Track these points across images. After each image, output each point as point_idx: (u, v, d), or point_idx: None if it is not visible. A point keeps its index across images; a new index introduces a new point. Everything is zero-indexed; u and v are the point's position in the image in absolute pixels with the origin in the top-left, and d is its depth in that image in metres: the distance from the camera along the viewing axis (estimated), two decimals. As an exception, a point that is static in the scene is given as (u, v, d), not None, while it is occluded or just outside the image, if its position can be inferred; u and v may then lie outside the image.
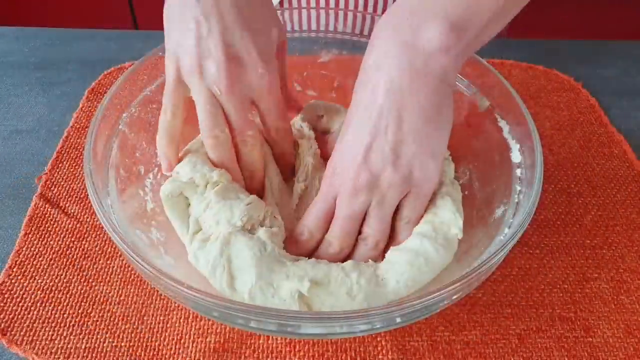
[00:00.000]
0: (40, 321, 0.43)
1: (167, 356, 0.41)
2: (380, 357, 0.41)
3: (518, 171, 0.45)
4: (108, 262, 0.47)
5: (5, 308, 0.44)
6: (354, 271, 0.39)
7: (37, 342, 0.41)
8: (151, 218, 0.45)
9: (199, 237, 0.42)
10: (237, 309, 0.34)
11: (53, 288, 0.45)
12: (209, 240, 0.41)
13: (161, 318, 0.43)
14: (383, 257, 0.43)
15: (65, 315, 0.43)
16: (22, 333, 0.42)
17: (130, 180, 0.45)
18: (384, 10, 0.66)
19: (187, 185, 0.44)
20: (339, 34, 0.56)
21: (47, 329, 0.42)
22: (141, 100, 0.48)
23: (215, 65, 0.41)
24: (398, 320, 0.36)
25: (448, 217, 0.42)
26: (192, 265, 0.41)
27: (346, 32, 0.56)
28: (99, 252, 0.48)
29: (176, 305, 0.44)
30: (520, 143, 0.46)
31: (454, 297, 0.37)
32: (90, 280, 0.46)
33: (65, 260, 0.47)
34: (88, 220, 0.50)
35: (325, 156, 0.50)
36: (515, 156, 0.46)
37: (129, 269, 0.46)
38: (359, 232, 0.42)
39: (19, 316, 0.43)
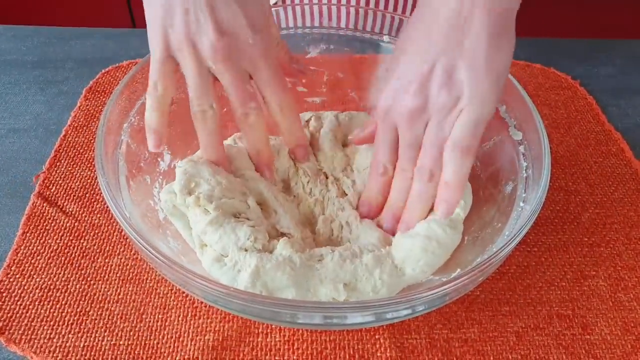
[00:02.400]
0: (39, 320, 0.43)
1: (165, 354, 0.41)
2: (378, 354, 0.41)
3: (521, 148, 0.46)
4: (106, 260, 0.47)
5: (4, 307, 0.43)
6: (376, 267, 0.41)
7: (36, 341, 0.41)
8: (165, 228, 0.45)
9: (210, 254, 0.42)
10: (286, 306, 0.36)
11: (51, 287, 0.45)
12: (224, 262, 0.41)
13: (160, 316, 0.43)
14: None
15: (63, 314, 0.43)
16: (20, 332, 0.42)
17: (140, 191, 0.45)
18: (366, 3, 0.66)
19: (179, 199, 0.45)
20: (325, 28, 0.56)
21: (45, 327, 0.42)
22: (139, 108, 0.48)
23: (208, 40, 0.40)
24: (437, 302, 0.38)
25: None
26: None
27: (332, 27, 0.57)
28: (97, 250, 0.48)
29: (174, 303, 0.44)
30: (519, 120, 0.47)
31: (489, 270, 0.38)
32: (89, 279, 0.46)
33: (63, 258, 0.47)
34: (86, 218, 0.50)
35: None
36: (516, 134, 0.47)
37: (127, 267, 0.46)
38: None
39: (17, 315, 0.43)
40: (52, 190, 0.52)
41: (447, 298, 0.37)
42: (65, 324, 0.43)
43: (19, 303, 0.44)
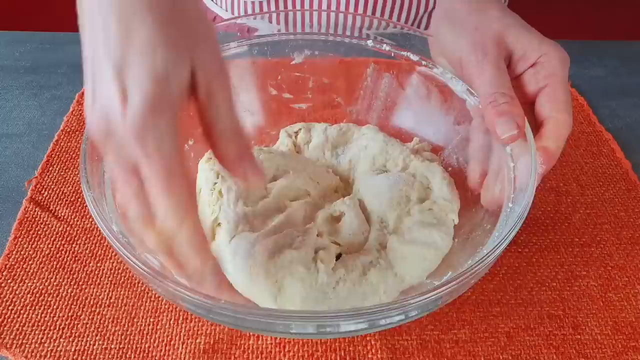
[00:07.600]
0: (30, 324, 0.43)
1: (157, 358, 0.41)
2: (369, 356, 0.41)
3: (507, 148, 0.45)
4: (98, 264, 0.47)
5: (-5, 312, 0.44)
6: (381, 283, 0.41)
7: (27, 345, 0.41)
8: None
9: (226, 230, 0.42)
10: (280, 317, 0.35)
11: (43, 291, 0.45)
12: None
13: (151, 320, 0.43)
14: None
15: (55, 318, 0.43)
16: (11, 336, 0.42)
17: None
18: (346, 7, 0.66)
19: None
20: (309, 34, 0.55)
21: (36, 332, 0.42)
22: None
23: None
24: (431, 306, 0.38)
25: (444, 204, 0.46)
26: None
27: (315, 32, 0.55)
28: (89, 254, 0.48)
29: (166, 307, 0.44)
30: None
31: (481, 271, 0.37)
32: (80, 283, 0.46)
33: (55, 263, 0.47)
34: (78, 223, 0.50)
35: None
36: None
37: (119, 271, 0.46)
38: None
39: (9, 320, 0.43)
40: (44, 195, 0.53)
41: (440, 302, 0.37)
42: (57, 328, 0.43)
43: (10, 308, 0.44)
